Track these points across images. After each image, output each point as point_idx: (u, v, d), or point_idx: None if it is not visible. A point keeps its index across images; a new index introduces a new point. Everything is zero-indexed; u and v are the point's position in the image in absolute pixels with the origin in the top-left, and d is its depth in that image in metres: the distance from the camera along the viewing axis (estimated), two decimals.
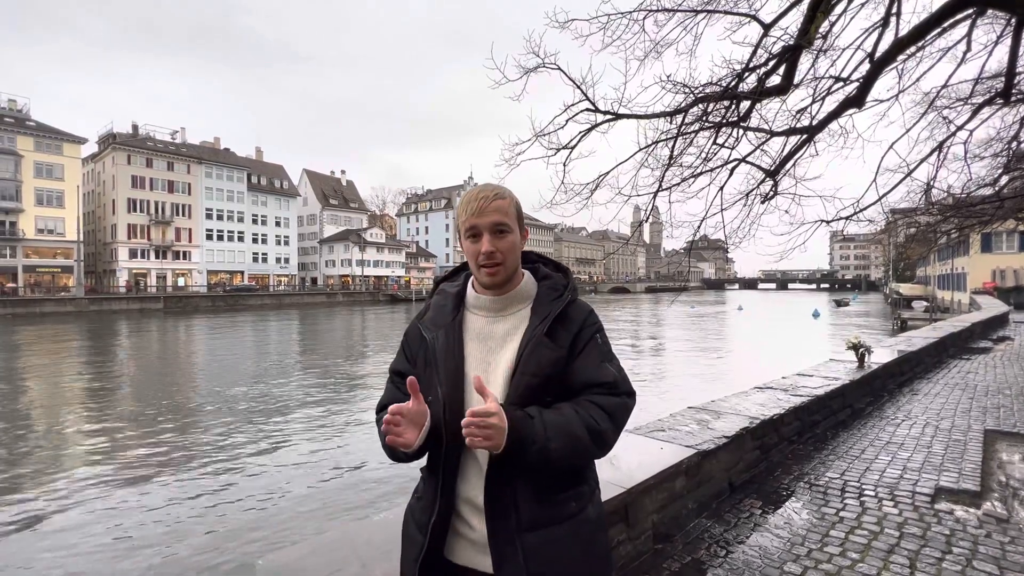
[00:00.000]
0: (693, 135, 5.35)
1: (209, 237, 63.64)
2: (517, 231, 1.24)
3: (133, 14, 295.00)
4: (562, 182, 5.30)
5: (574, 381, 1.20)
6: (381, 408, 1.30)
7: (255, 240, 68.23)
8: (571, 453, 1.12)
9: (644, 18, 4.74)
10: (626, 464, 2.70)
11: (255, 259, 68.04)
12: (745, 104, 5.05)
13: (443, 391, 1.19)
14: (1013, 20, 4.70)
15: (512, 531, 1.14)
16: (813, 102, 5.28)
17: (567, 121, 5.04)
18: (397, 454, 1.19)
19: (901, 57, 4.96)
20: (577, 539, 1.18)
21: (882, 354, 6.69)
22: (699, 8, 4.76)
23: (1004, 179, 10.12)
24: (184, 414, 12.06)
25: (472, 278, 1.32)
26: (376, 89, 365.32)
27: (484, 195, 1.21)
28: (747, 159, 5.44)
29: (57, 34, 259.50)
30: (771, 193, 5.60)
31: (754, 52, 4.90)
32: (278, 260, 70.76)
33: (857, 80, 4.93)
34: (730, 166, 5.47)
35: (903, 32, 4.52)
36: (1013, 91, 5.57)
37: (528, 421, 1.10)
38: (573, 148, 5.23)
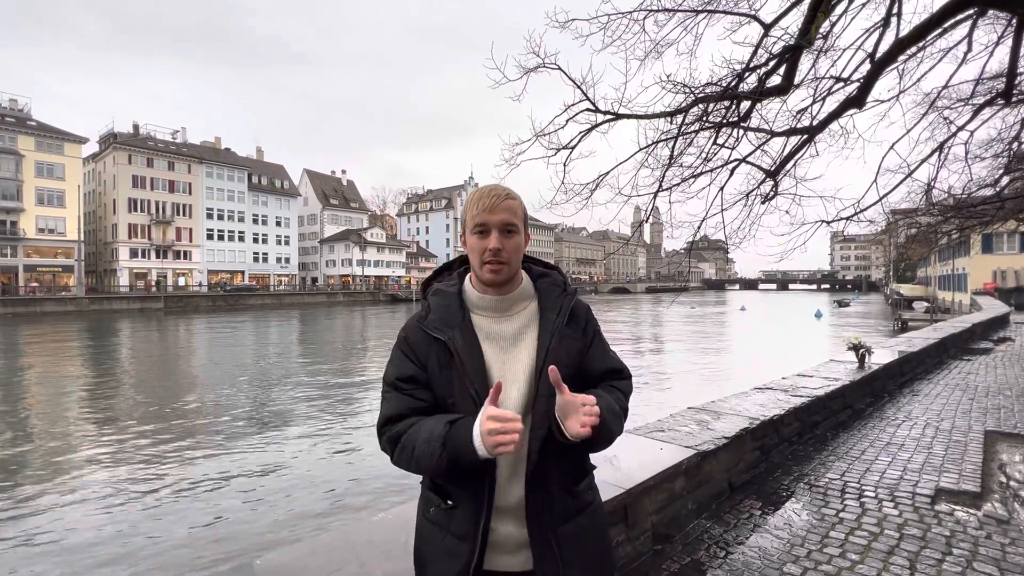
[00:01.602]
0: (693, 135, 5.35)
1: (210, 237, 63.65)
2: (523, 233, 1.25)
3: (133, 14, 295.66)
4: (562, 182, 5.30)
5: (592, 370, 1.29)
6: (387, 422, 1.19)
7: (256, 240, 68.21)
8: (619, 430, 1.23)
9: (644, 18, 4.73)
10: (626, 464, 2.69)
11: (255, 259, 68.03)
12: (745, 104, 5.04)
13: (475, 391, 1.15)
14: (1014, 20, 4.70)
15: (547, 528, 1.19)
16: (813, 102, 5.28)
17: (567, 121, 5.04)
18: (456, 472, 1.09)
19: (902, 57, 4.95)
20: (594, 525, 1.28)
21: (882, 355, 6.68)
22: (699, 8, 4.75)
23: (1005, 180, 10.13)
24: (183, 414, 12.05)
25: (470, 276, 1.30)
26: (376, 89, 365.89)
27: (497, 193, 1.21)
28: (747, 159, 5.44)
29: (57, 34, 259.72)
30: (771, 193, 5.60)
31: (754, 52, 4.90)
32: (278, 260, 70.75)
33: (858, 80, 4.92)
34: (730, 166, 5.47)
35: (904, 32, 4.51)
36: (1014, 92, 5.56)
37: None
38: (573, 148, 5.22)
